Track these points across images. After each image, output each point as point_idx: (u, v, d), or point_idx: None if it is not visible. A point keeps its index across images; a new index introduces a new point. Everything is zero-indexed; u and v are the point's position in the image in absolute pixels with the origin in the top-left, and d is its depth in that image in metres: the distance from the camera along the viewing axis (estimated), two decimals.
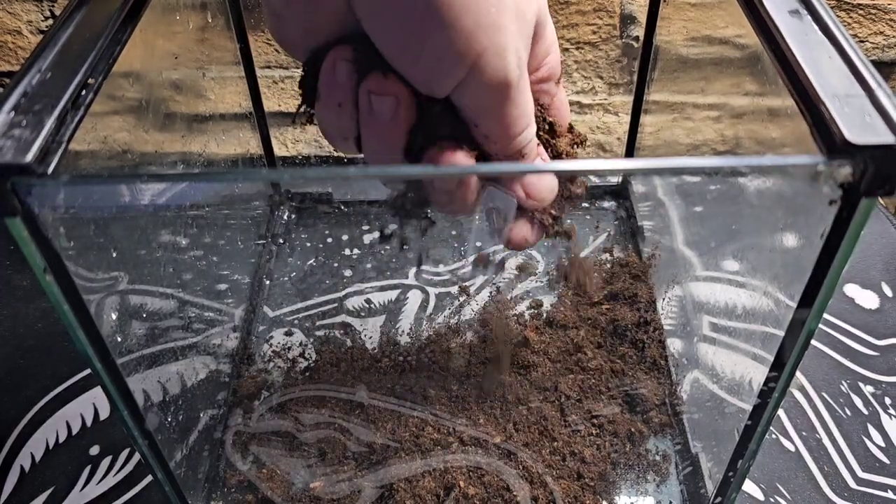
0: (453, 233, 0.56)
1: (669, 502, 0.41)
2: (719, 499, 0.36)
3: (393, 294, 0.52)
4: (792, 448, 0.44)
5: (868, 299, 0.52)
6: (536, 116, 0.31)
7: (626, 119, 0.54)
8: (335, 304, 0.51)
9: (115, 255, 0.30)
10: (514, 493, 0.39)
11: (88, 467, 0.43)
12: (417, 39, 0.24)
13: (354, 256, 0.54)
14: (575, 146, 0.33)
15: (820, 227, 0.24)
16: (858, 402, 0.46)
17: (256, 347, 0.48)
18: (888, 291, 0.53)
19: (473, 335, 0.47)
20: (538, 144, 0.31)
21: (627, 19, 0.61)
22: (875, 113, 0.23)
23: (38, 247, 0.23)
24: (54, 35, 0.26)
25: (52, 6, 0.62)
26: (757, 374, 0.31)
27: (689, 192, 0.46)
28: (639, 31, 0.61)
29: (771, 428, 0.43)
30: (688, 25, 0.45)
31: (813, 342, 0.46)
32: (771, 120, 0.32)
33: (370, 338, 0.48)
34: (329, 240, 0.56)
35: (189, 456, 0.38)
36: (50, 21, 0.63)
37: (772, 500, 0.42)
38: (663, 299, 0.48)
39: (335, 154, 0.68)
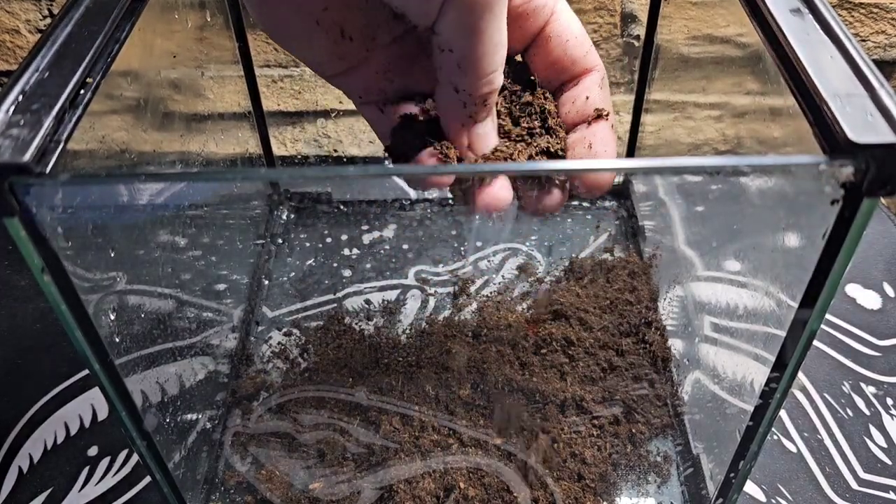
0: (453, 233, 0.56)
1: (670, 503, 0.41)
2: (721, 500, 0.36)
3: (393, 294, 0.52)
4: (793, 449, 0.44)
5: (870, 299, 0.52)
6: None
7: (627, 118, 0.54)
8: (334, 305, 0.51)
9: (113, 254, 0.29)
10: (515, 494, 0.39)
11: (87, 468, 0.43)
12: None
13: (354, 256, 0.54)
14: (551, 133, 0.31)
15: (822, 226, 0.24)
16: (860, 402, 0.46)
17: (255, 348, 0.48)
18: (890, 292, 0.52)
19: (473, 335, 0.47)
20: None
21: (628, 18, 0.61)
22: (877, 112, 0.23)
23: (35, 246, 0.23)
24: (52, 34, 0.26)
25: (51, 5, 0.62)
26: (758, 375, 0.31)
27: (691, 192, 0.46)
28: (640, 29, 0.61)
29: (772, 429, 0.43)
30: (689, 24, 0.45)
31: (814, 342, 0.46)
32: (772, 119, 0.31)
33: (369, 338, 0.48)
34: (328, 240, 0.56)
35: (187, 457, 0.38)
36: (48, 20, 0.63)
37: (773, 501, 0.41)
38: (664, 299, 0.48)
39: (334, 153, 0.68)
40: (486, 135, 0.29)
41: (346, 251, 0.55)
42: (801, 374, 0.48)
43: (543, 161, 0.31)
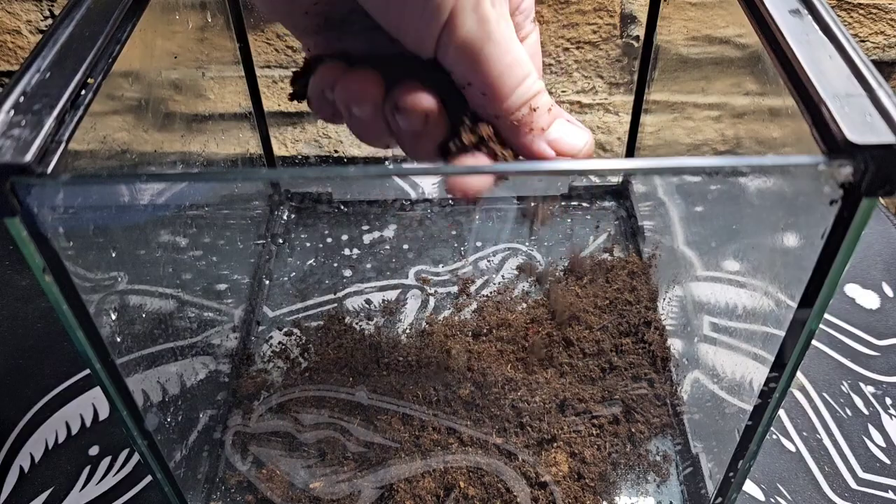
0: (453, 233, 0.56)
1: (670, 503, 0.41)
2: (720, 499, 0.36)
3: (393, 294, 0.52)
4: (793, 448, 0.44)
5: (869, 299, 0.52)
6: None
7: (627, 119, 0.54)
8: (335, 305, 0.51)
9: (114, 254, 0.30)
10: (515, 493, 0.39)
11: (88, 468, 0.43)
12: None
13: (354, 256, 0.54)
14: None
15: (821, 226, 0.24)
16: (859, 402, 0.46)
17: (256, 347, 0.48)
18: (889, 291, 0.52)
19: (473, 335, 0.47)
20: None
21: (628, 19, 0.61)
22: (876, 113, 0.23)
23: (37, 246, 0.23)
24: (53, 34, 0.26)
25: (52, 6, 0.62)
26: (757, 375, 0.31)
27: (690, 192, 0.46)
28: (639, 30, 0.61)
29: (771, 428, 0.43)
30: (688, 25, 0.45)
31: (813, 342, 0.46)
32: (771, 120, 0.32)
33: (370, 338, 0.48)
34: (329, 240, 0.56)
35: (188, 456, 0.38)
36: (49, 21, 0.63)
37: (772, 500, 0.42)
38: (664, 299, 0.48)
39: (335, 154, 0.68)
40: (564, 135, 0.29)
41: (347, 251, 0.55)
42: (800, 374, 0.48)
43: (543, 161, 0.31)
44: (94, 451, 0.44)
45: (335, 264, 0.54)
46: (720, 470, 0.35)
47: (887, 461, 0.43)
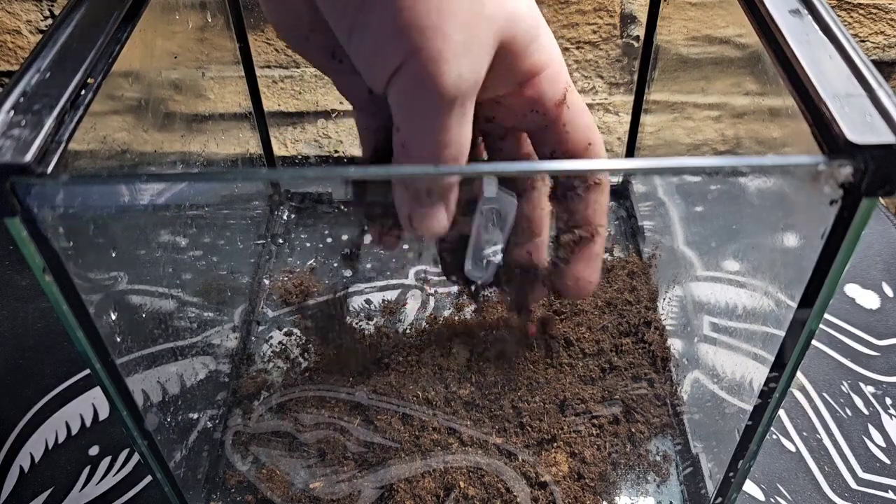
0: None
1: (670, 503, 0.41)
2: (720, 499, 0.36)
3: (393, 294, 0.52)
4: (793, 448, 0.44)
5: (869, 299, 0.52)
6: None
7: (627, 119, 0.54)
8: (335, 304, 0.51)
9: (114, 255, 0.30)
10: (515, 493, 0.39)
11: (88, 467, 0.43)
12: (360, 28, 0.24)
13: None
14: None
15: (820, 227, 0.24)
16: (859, 402, 0.46)
17: (256, 347, 0.48)
18: (889, 291, 0.52)
19: (473, 335, 0.47)
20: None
21: (628, 19, 0.61)
22: (876, 113, 0.23)
23: (37, 247, 0.23)
24: (53, 34, 0.26)
25: (52, 6, 0.62)
26: (757, 375, 0.31)
27: (690, 192, 0.46)
28: (639, 30, 0.61)
29: (771, 428, 0.43)
30: (688, 25, 0.45)
31: (813, 342, 0.46)
32: (771, 120, 0.32)
33: (370, 338, 0.48)
34: (329, 240, 0.56)
35: (188, 456, 0.38)
36: (49, 21, 0.63)
37: (772, 500, 0.42)
38: (664, 299, 0.48)
39: (335, 154, 0.68)
40: (426, 216, 0.28)
41: (347, 251, 0.55)
42: (799, 374, 0.48)
43: (543, 162, 0.31)
44: (94, 451, 0.44)
45: (335, 264, 0.54)
46: (720, 470, 0.35)
47: (887, 461, 0.43)
